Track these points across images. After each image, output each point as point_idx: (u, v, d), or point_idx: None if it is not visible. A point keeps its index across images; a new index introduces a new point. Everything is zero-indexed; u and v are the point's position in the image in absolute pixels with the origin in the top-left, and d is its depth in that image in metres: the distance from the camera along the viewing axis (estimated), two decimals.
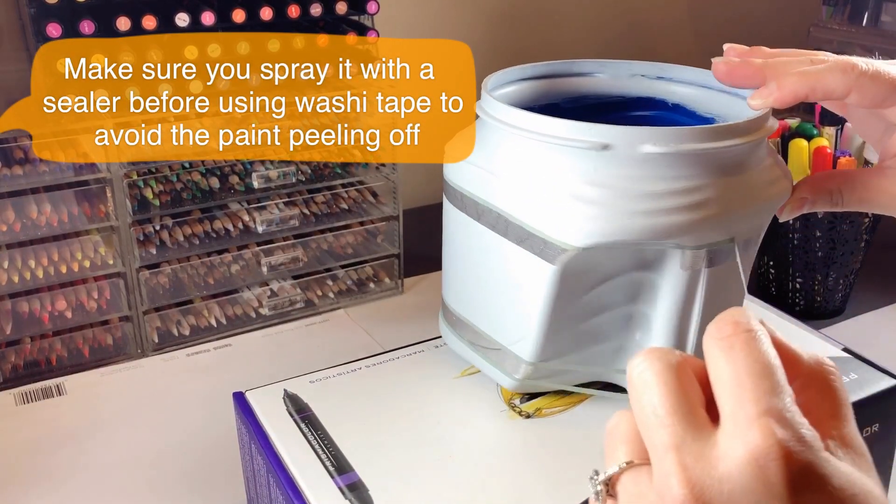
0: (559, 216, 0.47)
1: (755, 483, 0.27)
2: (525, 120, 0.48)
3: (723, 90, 0.55)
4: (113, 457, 0.69)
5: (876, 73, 0.46)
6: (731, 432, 0.28)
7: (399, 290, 0.95)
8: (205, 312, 0.86)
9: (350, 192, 0.92)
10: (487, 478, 0.49)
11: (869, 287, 0.92)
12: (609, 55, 0.63)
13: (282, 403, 0.55)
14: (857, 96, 0.46)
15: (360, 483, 0.48)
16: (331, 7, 0.86)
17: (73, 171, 0.77)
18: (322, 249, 0.91)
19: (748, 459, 0.27)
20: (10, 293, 0.78)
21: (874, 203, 0.50)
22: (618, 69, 0.59)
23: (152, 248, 0.82)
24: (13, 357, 0.79)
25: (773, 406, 0.28)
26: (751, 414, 0.28)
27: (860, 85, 0.46)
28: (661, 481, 0.29)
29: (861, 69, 0.46)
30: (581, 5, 1.26)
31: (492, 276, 0.53)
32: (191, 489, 0.66)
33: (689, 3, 1.37)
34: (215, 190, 0.84)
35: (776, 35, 1.43)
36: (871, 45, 1.22)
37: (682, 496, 0.28)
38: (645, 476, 0.30)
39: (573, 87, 0.59)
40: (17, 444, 0.71)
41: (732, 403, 0.28)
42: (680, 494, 0.28)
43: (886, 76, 0.46)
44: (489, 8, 1.19)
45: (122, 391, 0.78)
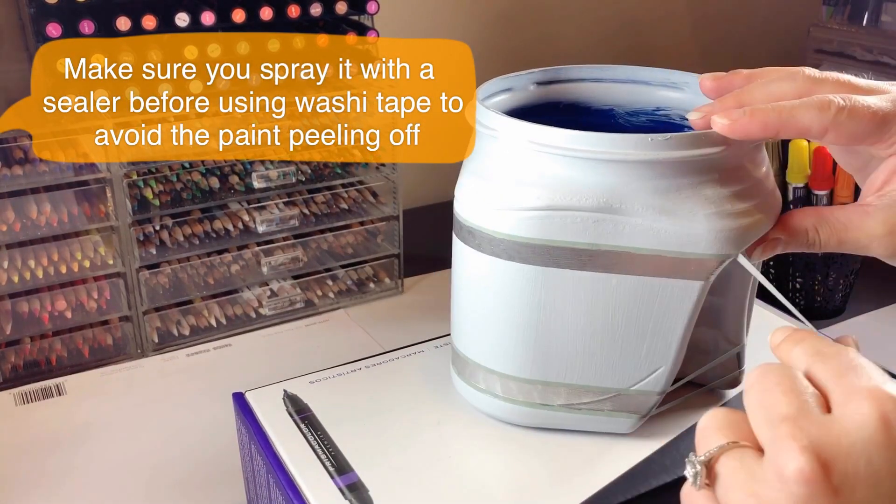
0: (700, 231, 0.46)
1: (875, 439, 0.29)
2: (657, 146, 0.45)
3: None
4: (113, 457, 0.69)
5: (853, 109, 0.42)
6: (843, 402, 0.30)
7: (399, 290, 0.95)
8: (205, 312, 0.86)
9: (350, 192, 0.92)
10: (487, 478, 0.49)
11: (869, 287, 0.92)
12: (608, 55, 0.63)
13: (282, 404, 0.55)
14: (834, 135, 0.43)
15: (360, 483, 0.48)
16: (331, 7, 0.86)
17: (73, 171, 0.77)
18: (322, 249, 0.91)
19: (865, 419, 0.29)
20: (10, 293, 0.78)
21: (855, 244, 0.45)
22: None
23: (152, 248, 0.82)
24: (13, 357, 0.79)
25: (873, 379, 0.31)
26: (857, 388, 0.30)
27: (837, 124, 0.42)
28: (777, 449, 0.30)
29: (838, 105, 0.42)
30: (580, 5, 1.26)
31: (610, 321, 0.48)
32: (190, 490, 0.66)
33: (688, 4, 1.36)
34: (215, 190, 0.84)
35: (776, 35, 1.43)
36: (871, 45, 1.21)
37: (803, 458, 0.29)
38: (749, 453, 0.31)
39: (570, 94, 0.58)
40: (17, 444, 0.71)
41: (839, 389, 0.31)
42: (801, 456, 0.29)
43: (865, 111, 0.43)
44: (489, 8, 1.19)
45: (122, 391, 0.78)
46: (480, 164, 0.50)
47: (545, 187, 0.46)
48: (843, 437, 0.29)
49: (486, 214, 0.48)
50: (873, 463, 0.29)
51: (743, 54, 1.41)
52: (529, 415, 0.52)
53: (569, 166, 0.46)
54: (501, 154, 0.48)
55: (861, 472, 0.29)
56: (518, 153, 0.47)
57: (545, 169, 0.47)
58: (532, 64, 0.59)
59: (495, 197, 0.48)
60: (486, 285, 0.50)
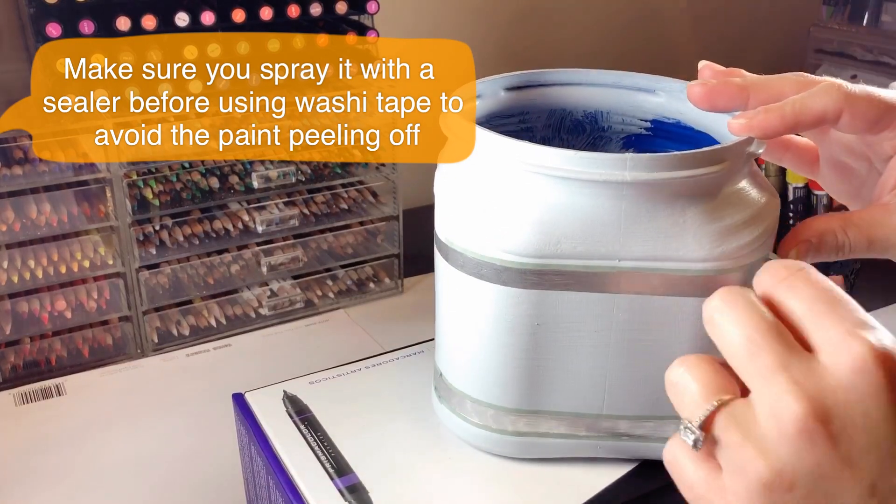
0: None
1: (869, 387, 0.29)
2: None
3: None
4: (112, 457, 0.69)
5: (865, 92, 0.43)
6: (831, 350, 0.30)
7: (399, 290, 0.94)
8: (204, 312, 0.86)
9: (350, 192, 0.92)
10: (488, 479, 0.49)
11: (869, 287, 0.92)
12: (608, 55, 0.63)
13: (281, 405, 0.55)
14: (849, 117, 0.42)
15: (360, 485, 0.48)
16: (331, 7, 0.86)
17: (73, 171, 0.77)
18: (322, 249, 0.91)
19: (857, 367, 0.29)
20: (9, 293, 0.78)
21: (885, 242, 0.43)
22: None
23: (152, 248, 0.82)
24: (13, 357, 0.79)
25: (858, 320, 0.30)
26: (842, 332, 0.30)
27: (851, 104, 0.42)
28: (774, 402, 0.30)
29: (848, 89, 0.42)
30: (581, 5, 1.26)
31: (668, 343, 0.46)
32: (190, 490, 0.66)
33: (689, 4, 1.36)
34: (215, 190, 0.84)
35: (776, 35, 1.43)
36: (871, 45, 1.21)
37: (801, 410, 0.29)
38: (742, 407, 0.31)
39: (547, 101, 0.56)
40: (17, 444, 0.71)
41: (820, 330, 0.31)
42: (799, 409, 0.29)
43: (877, 97, 0.43)
44: (489, 8, 1.19)
45: (122, 391, 0.78)
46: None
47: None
48: (839, 390, 0.29)
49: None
50: (869, 412, 0.29)
51: (743, 54, 1.41)
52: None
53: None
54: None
55: (858, 421, 0.29)
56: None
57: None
58: (532, 64, 0.59)
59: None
60: (576, 336, 0.46)
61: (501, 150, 0.44)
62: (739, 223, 0.44)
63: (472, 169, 0.46)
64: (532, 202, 0.44)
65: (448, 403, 0.51)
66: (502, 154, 0.44)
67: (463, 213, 0.46)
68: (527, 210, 0.44)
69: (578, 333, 0.46)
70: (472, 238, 0.46)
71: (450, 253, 0.47)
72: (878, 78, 1.18)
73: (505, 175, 0.45)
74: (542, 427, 0.49)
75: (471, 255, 0.46)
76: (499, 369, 0.48)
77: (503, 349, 0.47)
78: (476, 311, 0.47)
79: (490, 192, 0.45)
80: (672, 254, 0.43)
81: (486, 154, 0.45)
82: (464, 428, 0.51)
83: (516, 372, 0.47)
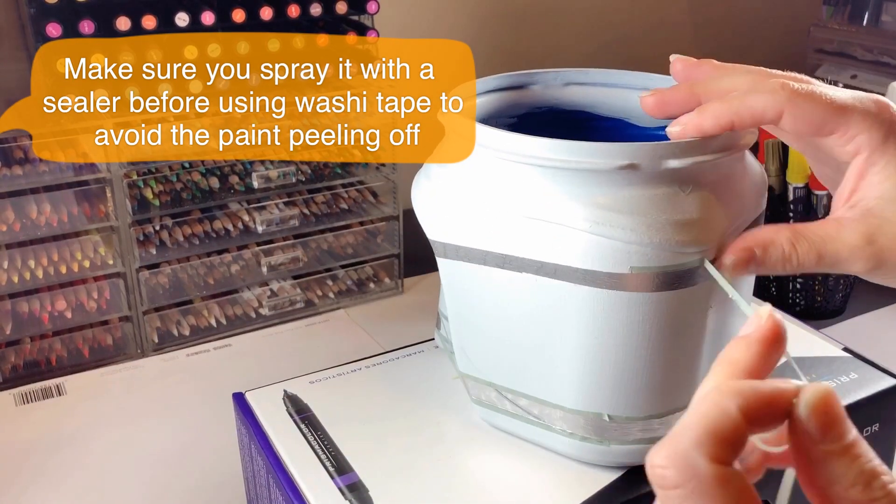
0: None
1: None
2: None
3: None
4: (113, 457, 0.69)
5: (810, 92, 0.41)
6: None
7: (399, 290, 0.95)
8: (205, 312, 0.86)
9: (350, 192, 0.92)
10: (488, 478, 0.49)
11: (869, 287, 0.91)
12: (608, 55, 0.63)
13: (282, 404, 0.55)
14: (790, 119, 0.41)
15: (360, 484, 0.48)
16: (331, 7, 0.86)
17: (73, 171, 0.77)
18: (322, 249, 0.91)
19: None
20: (10, 293, 0.78)
21: (835, 257, 0.41)
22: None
23: (152, 249, 0.82)
24: (13, 357, 0.79)
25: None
26: None
27: (793, 106, 0.40)
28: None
29: (793, 88, 0.41)
30: (580, 5, 1.26)
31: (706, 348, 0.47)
32: (191, 490, 0.66)
33: (688, 4, 1.37)
34: (215, 190, 0.84)
35: (776, 35, 1.43)
36: (871, 45, 1.22)
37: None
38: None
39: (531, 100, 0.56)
40: (17, 444, 0.71)
41: None
42: None
43: (821, 97, 0.41)
44: (489, 8, 1.19)
45: (122, 391, 0.78)
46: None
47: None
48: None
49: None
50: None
51: (743, 55, 1.41)
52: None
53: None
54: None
55: None
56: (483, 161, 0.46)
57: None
58: (533, 64, 0.59)
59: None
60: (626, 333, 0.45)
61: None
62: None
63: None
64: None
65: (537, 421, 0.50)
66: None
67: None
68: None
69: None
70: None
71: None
72: (878, 78, 1.18)
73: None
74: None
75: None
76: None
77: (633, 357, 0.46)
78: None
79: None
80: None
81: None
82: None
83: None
